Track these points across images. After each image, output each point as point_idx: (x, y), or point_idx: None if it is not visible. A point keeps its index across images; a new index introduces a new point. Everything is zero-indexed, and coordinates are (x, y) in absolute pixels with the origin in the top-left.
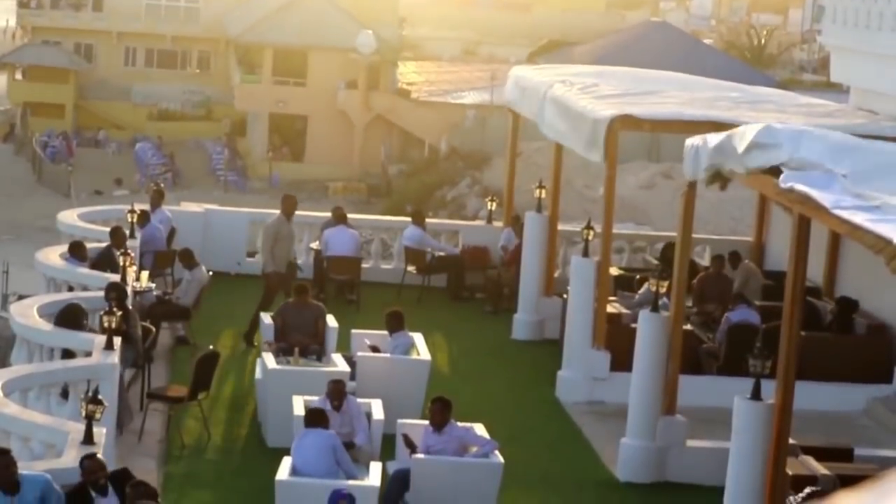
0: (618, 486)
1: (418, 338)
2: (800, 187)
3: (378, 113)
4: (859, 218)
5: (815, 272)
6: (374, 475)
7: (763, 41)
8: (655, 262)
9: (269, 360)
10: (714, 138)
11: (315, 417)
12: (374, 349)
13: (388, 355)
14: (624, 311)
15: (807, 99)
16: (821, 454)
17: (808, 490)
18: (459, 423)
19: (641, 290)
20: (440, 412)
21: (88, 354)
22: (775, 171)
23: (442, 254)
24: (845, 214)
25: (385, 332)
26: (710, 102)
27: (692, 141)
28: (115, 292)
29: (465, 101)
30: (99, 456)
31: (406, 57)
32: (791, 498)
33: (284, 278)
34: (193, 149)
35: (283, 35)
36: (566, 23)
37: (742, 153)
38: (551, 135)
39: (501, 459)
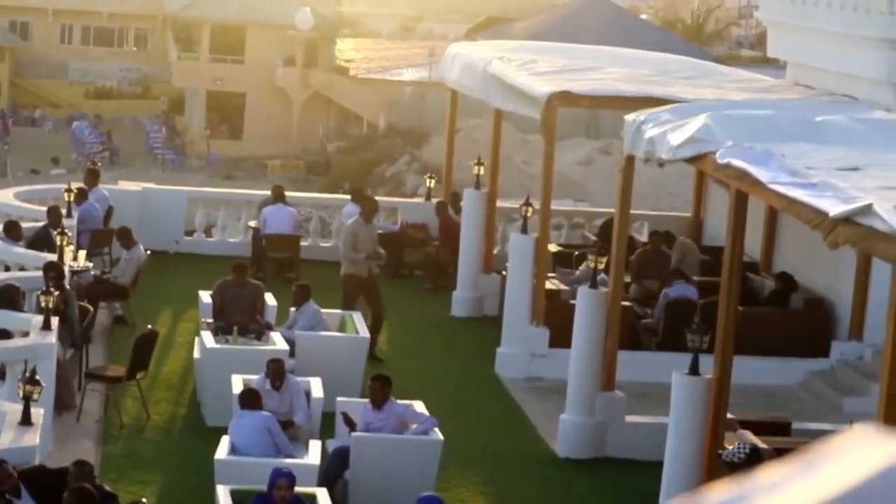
0: (557, 462)
1: (357, 316)
2: (737, 163)
3: (316, 90)
4: (796, 193)
5: (753, 247)
6: (314, 453)
7: (701, 17)
8: (594, 238)
9: (208, 338)
10: (650, 130)
11: (249, 399)
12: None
13: (327, 333)
14: (563, 287)
15: (744, 74)
16: (759, 428)
17: (736, 446)
18: (399, 401)
19: (581, 268)
20: (380, 390)
21: (25, 335)
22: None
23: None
24: (782, 189)
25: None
26: (648, 78)
27: (631, 117)
28: (53, 272)
29: (403, 78)
30: (6, 465)
31: (344, 34)
32: (726, 451)
33: (364, 282)
34: (131, 127)
35: (221, 12)
36: None
37: (677, 146)
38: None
39: (441, 436)
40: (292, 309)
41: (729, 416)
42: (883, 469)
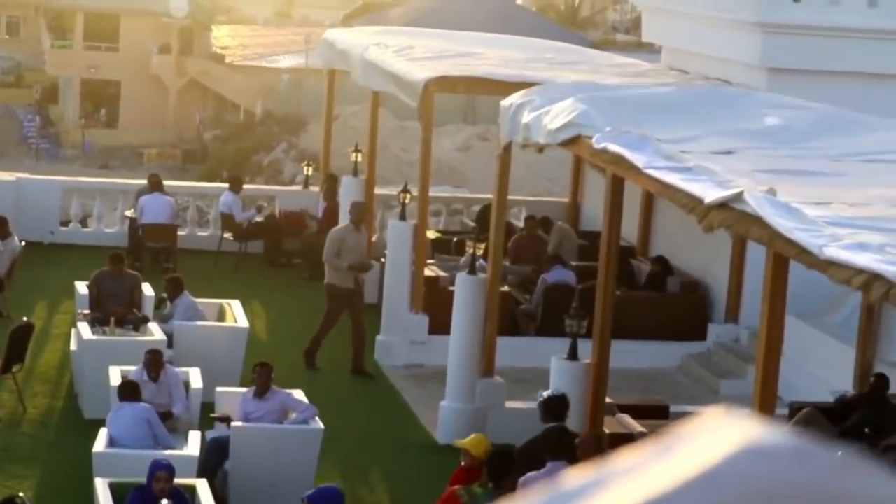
0: (437, 449)
1: (236, 305)
2: (613, 147)
3: (192, 77)
4: (672, 178)
5: (630, 232)
6: (193, 444)
7: (577, 2)
8: (472, 224)
9: (85, 330)
10: (526, 115)
11: (128, 391)
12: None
13: (205, 323)
14: (442, 274)
15: (620, 59)
16: (637, 412)
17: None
18: (280, 389)
19: (464, 259)
20: (266, 377)
21: None
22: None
23: (260, 219)
24: (657, 174)
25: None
26: (524, 63)
27: (507, 102)
28: None
29: (280, 65)
30: None
31: (220, 20)
32: None
33: (350, 294)
34: (4, 116)
35: None
36: None
37: (554, 130)
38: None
39: (321, 425)
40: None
41: (608, 400)
42: (736, 452)
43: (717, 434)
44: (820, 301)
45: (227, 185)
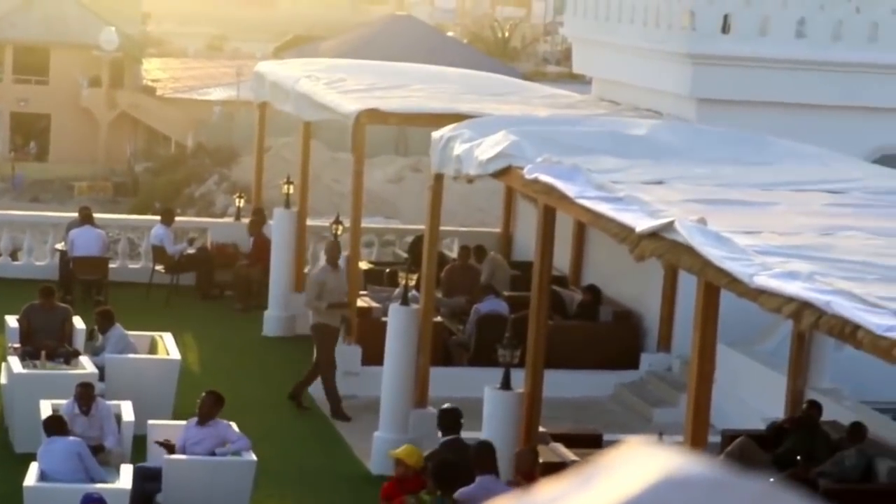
0: (371, 480)
1: (168, 337)
2: (544, 178)
3: (123, 110)
4: (603, 207)
5: (562, 261)
6: (125, 478)
7: (507, 34)
8: (405, 255)
9: (15, 364)
10: (458, 147)
11: (54, 425)
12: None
13: (137, 356)
14: (374, 305)
15: (550, 90)
16: (570, 441)
17: None
18: (223, 420)
19: (397, 291)
20: (212, 405)
21: None
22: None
23: (191, 252)
24: (589, 204)
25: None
26: (455, 95)
27: (438, 134)
28: None
29: (211, 98)
30: None
31: (150, 53)
32: None
33: (338, 332)
34: None
35: (24, 32)
36: (312, 17)
37: (485, 161)
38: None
39: (254, 457)
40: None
41: (541, 429)
42: (657, 482)
43: (637, 464)
44: (751, 329)
45: (158, 217)
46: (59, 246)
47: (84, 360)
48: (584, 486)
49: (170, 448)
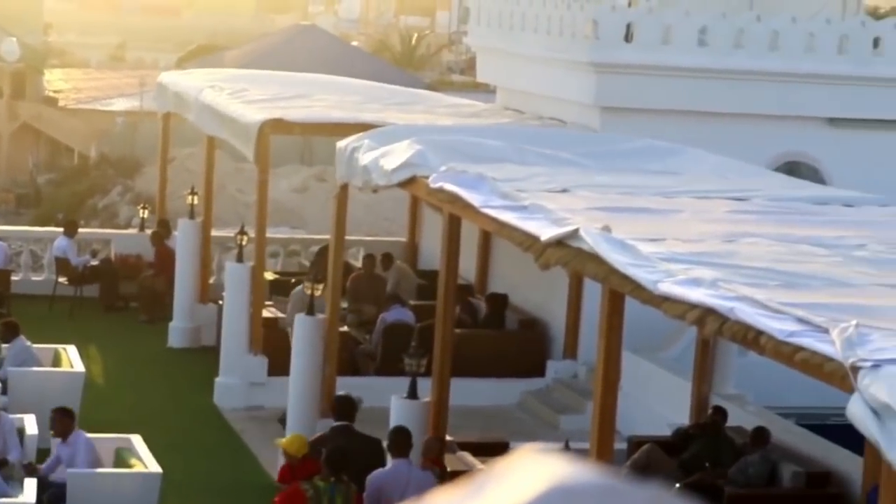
0: (278, 490)
1: (72, 350)
2: (449, 187)
3: (24, 121)
4: (508, 216)
5: (468, 270)
6: (29, 491)
7: (412, 43)
8: (310, 265)
9: None
10: (363, 157)
11: None
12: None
13: (40, 368)
14: (280, 315)
15: (455, 99)
16: (477, 449)
17: None
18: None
19: (295, 291)
20: (59, 421)
21: None
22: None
23: (95, 263)
24: (494, 213)
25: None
26: (359, 105)
27: (343, 144)
28: None
29: (114, 108)
30: None
31: (52, 64)
32: None
33: None
34: None
35: None
36: (216, 27)
37: (391, 171)
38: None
39: (160, 469)
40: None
41: (448, 438)
42: (547, 490)
43: (528, 472)
44: (656, 336)
45: (61, 229)
46: None
47: None
48: (476, 495)
49: (32, 472)
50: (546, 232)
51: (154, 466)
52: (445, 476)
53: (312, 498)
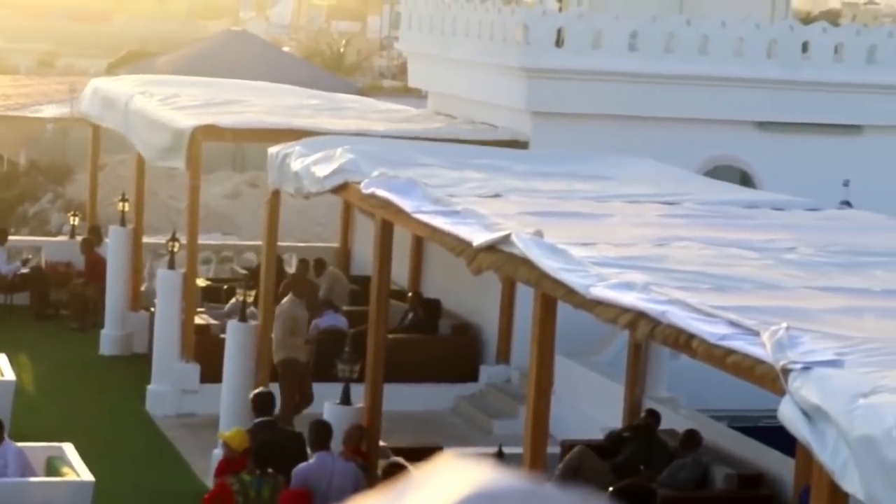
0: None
1: (2, 358)
2: (381, 193)
3: None
4: (440, 221)
5: (401, 275)
6: None
7: (343, 48)
8: (243, 271)
9: None
10: (295, 163)
11: None
12: None
13: None
14: (212, 322)
15: (386, 105)
16: (411, 455)
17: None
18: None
19: (231, 302)
20: None
21: None
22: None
23: (26, 271)
24: (426, 218)
25: None
26: (291, 110)
27: (275, 150)
28: None
29: (44, 115)
30: None
31: None
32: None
33: (305, 366)
34: None
35: None
36: (147, 33)
37: (323, 178)
38: (139, 146)
39: (92, 477)
40: None
41: (381, 443)
42: (468, 496)
43: (449, 478)
44: (589, 340)
45: None
46: None
47: None
48: (397, 501)
49: None
50: (478, 237)
51: (86, 475)
52: (368, 466)
53: (239, 492)
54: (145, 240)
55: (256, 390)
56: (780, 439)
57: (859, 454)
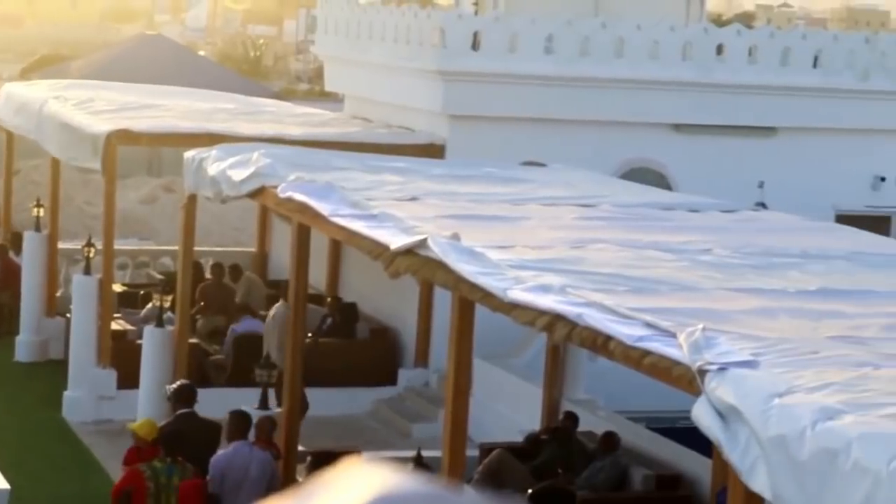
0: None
1: None
2: (298, 196)
3: None
4: (357, 225)
5: (319, 279)
6: None
7: (259, 52)
8: (160, 276)
9: None
10: (211, 167)
11: None
12: None
13: None
14: (129, 327)
15: (303, 109)
16: (330, 459)
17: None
18: None
19: (148, 307)
20: None
21: None
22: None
23: None
24: (343, 222)
25: None
26: (207, 115)
27: (190, 154)
28: None
29: None
30: None
31: None
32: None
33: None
34: None
35: None
36: (60, 37)
37: (239, 182)
38: (55, 151)
39: (7, 485)
40: None
41: (300, 448)
42: (371, 499)
43: (354, 482)
44: (506, 343)
45: None
46: None
47: None
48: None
49: None
50: (395, 241)
51: (1, 482)
52: (280, 456)
53: (150, 478)
54: (61, 245)
55: (175, 384)
56: (698, 440)
57: (770, 454)
